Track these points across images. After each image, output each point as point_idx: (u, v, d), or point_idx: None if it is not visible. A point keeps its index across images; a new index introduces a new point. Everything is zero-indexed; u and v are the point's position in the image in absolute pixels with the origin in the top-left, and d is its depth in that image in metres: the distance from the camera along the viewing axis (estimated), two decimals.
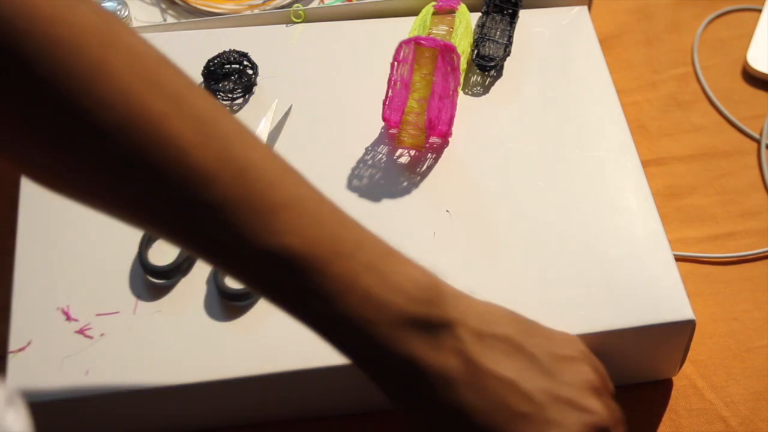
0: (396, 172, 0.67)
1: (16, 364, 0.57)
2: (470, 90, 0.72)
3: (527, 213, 0.64)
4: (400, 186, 0.66)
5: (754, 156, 0.78)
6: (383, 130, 0.69)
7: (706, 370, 0.66)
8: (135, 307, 0.60)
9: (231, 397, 0.59)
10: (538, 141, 0.69)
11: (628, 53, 0.86)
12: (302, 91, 0.72)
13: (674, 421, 0.63)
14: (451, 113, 0.66)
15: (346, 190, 0.66)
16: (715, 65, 0.85)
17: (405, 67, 0.66)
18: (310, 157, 0.68)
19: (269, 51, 0.74)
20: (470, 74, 0.73)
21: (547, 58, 0.73)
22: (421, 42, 0.64)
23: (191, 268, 0.62)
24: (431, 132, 0.67)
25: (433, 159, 0.67)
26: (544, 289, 0.61)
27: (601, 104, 0.71)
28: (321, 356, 0.57)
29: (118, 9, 0.77)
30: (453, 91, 0.65)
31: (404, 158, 0.67)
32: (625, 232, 0.63)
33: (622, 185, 0.66)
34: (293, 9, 0.76)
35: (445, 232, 0.63)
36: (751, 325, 0.68)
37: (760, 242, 0.73)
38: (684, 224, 0.74)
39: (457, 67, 0.64)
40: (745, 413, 0.64)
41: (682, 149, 0.79)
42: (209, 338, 0.59)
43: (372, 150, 0.68)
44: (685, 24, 0.88)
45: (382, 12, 0.77)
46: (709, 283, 0.70)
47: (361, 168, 0.67)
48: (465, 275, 0.61)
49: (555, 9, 0.77)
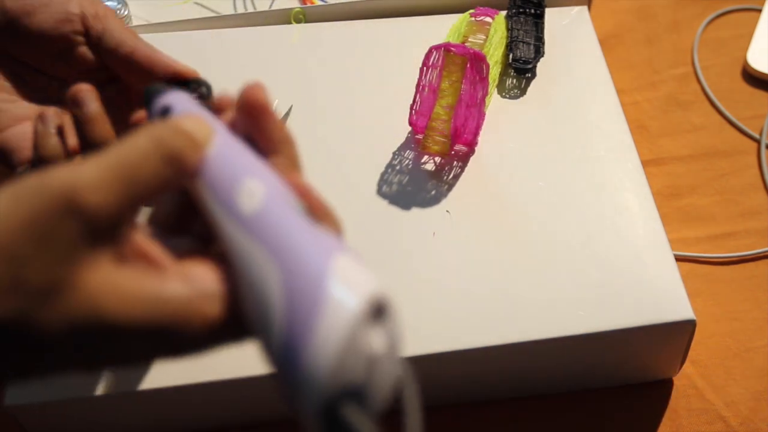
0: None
1: None
2: (506, 93, 0.72)
3: (527, 213, 0.64)
4: (405, 188, 0.66)
5: (754, 156, 0.78)
6: (384, 131, 0.69)
7: (706, 370, 0.66)
8: None
9: (230, 397, 0.59)
10: (537, 141, 0.69)
11: (628, 53, 0.86)
12: (302, 92, 0.72)
13: (674, 421, 0.63)
14: (477, 122, 0.66)
15: (346, 189, 0.66)
16: (715, 65, 0.85)
17: (434, 72, 0.66)
18: (311, 157, 0.68)
19: (269, 51, 0.74)
20: (505, 77, 0.73)
21: (547, 58, 0.73)
22: (451, 49, 0.64)
23: None
24: (456, 140, 0.67)
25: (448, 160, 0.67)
26: (544, 289, 0.61)
27: (601, 104, 0.71)
28: None
29: (118, 8, 0.77)
30: (480, 101, 0.65)
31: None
32: (625, 232, 0.63)
33: (622, 185, 0.66)
34: (294, 12, 0.76)
35: (447, 230, 0.63)
36: (751, 325, 0.68)
37: (760, 242, 0.73)
38: (684, 224, 0.74)
39: (486, 77, 0.64)
40: (745, 413, 0.64)
41: (682, 149, 0.79)
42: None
43: (372, 150, 0.68)
44: (685, 24, 0.88)
45: (382, 12, 0.77)
46: (709, 283, 0.71)
47: (361, 167, 0.67)
48: (466, 274, 0.61)
49: (555, 9, 0.77)
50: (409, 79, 0.67)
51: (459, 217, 0.64)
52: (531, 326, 0.59)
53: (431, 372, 0.60)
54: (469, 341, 0.59)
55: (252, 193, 0.37)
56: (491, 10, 0.74)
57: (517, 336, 0.59)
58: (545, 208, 0.65)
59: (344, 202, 0.65)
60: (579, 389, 0.64)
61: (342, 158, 0.68)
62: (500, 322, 0.59)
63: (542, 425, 0.63)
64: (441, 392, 0.63)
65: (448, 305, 0.60)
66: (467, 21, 0.73)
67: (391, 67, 0.73)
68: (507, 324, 0.59)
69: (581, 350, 0.61)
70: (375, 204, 0.65)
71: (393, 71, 0.73)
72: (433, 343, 0.58)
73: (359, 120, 0.70)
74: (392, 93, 0.70)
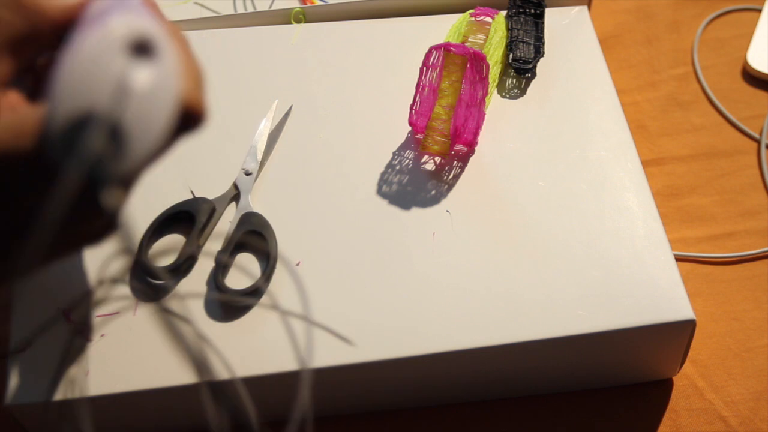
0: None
1: (17, 364, 0.57)
2: (506, 93, 0.72)
3: (527, 213, 0.64)
4: (405, 187, 0.66)
5: (754, 156, 0.78)
6: (384, 131, 0.69)
7: (706, 370, 0.66)
8: (135, 308, 0.60)
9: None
10: (537, 141, 0.69)
11: (628, 53, 0.86)
12: (302, 92, 0.72)
13: (674, 421, 0.64)
14: (477, 122, 0.66)
15: (346, 189, 0.66)
16: (715, 65, 0.85)
17: (434, 72, 0.66)
18: (311, 157, 0.68)
19: (269, 51, 0.74)
20: (505, 77, 0.73)
21: (547, 58, 0.73)
22: (451, 49, 0.64)
23: (191, 269, 0.62)
24: (456, 140, 0.67)
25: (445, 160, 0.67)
26: (544, 289, 0.61)
27: (601, 104, 0.71)
28: (321, 357, 0.57)
29: None
30: (480, 101, 0.65)
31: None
32: (625, 232, 0.63)
33: (622, 185, 0.66)
34: (294, 12, 0.76)
35: (447, 230, 0.63)
36: (751, 325, 0.68)
37: (760, 242, 0.73)
38: (684, 224, 0.74)
39: (486, 77, 0.64)
40: (745, 413, 0.64)
41: (682, 149, 0.79)
42: (209, 339, 0.59)
43: (372, 150, 0.68)
44: (685, 24, 0.88)
45: (382, 12, 0.77)
46: (709, 283, 0.71)
47: (360, 167, 0.67)
48: (465, 274, 0.61)
49: (555, 9, 0.77)
50: (409, 79, 0.67)
51: (459, 217, 0.64)
52: (531, 326, 0.59)
53: (431, 372, 0.60)
54: (469, 341, 0.59)
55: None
56: (491, 10, 0.74)
57: (517, 336, 0.59)
58: (545, 208, 0.65)
59: (344, 202, 0.66)
60: (579, 389, 0.64)
61: (342, 158, 0.68)
62: (500, 322, 0.59)
63: (542, 425, 0.63)
64: (441, 392, 0.63)
65: (448, 305, 0.60)
66: (467, 21, 0.73)
67: (391, 67, 0.73)
68: (507, 324, 0.59)
69: (581, 350, 0.61)
70: (375, 204, 0.65)
71: (393, 71, 0.73)
72: (433, 343, 0.58)
73: (359, 120, 0.70)
74: (392, 93, 0.70)
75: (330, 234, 0.63)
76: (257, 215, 0.63)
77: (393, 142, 0.68)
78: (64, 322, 0.59)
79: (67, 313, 0.60)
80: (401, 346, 0.58)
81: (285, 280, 0.61)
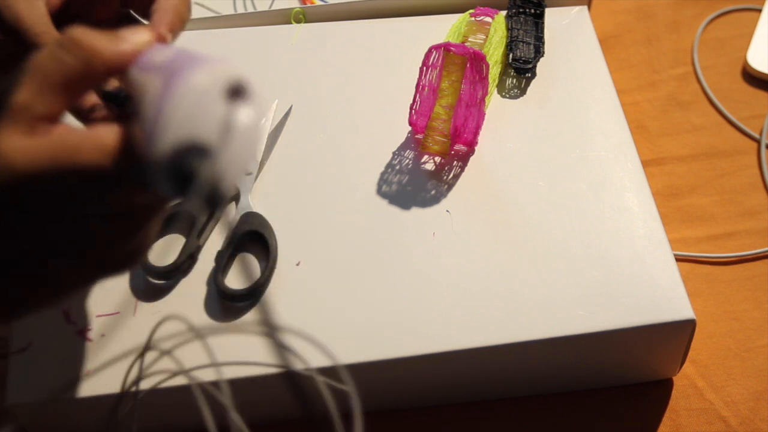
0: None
1: (17, 364, 0.57)
2: (506, 93, 0.72)
3: (527, 212, 0.64)
4: (405, 187, 0.66)
5: (754, 156, 0.78)
6: (384, 130, 0.69)
7: (706, 370, 0.66)
8: (135, 308, 0.60)
9: (229, 398, 0.59)
10: (537, 141, 0.69)
11: (628, 53, 0.86)
12: (302, 92, 0.72)
13: (674, 421, 0.64)
14: (477, 122, 0.66)
15: (346, 189, 0.66)
16: (715, 65, 0.85)
17: (434, 72, 0.66)
18: (311, 157, 0.68)
19: (269, 51, 0.74)
20: (505, 77, 0.73)
21: (547, 58, 0.73)
22: (451, 49, 0.64)
23: (191, 269, 0.62)
24: (456, 140, 0.67)
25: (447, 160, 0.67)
26: (544, 289, 0.61)
27: (601, 104, 0.71)
28: (320, 357, 0.57)
29: None
30: (480, 100, 0.65)
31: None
32: (625, 232, 0.63)
33: (622, 185, 0.66)
34: (294, 12, 0.76)
35: (447, 230, 0.63)
36: (751, 325, 0.68)
37: (760, 242, 0.73)
38: (684, 224, 0.74)
39: (485, 76, 0.64)
40: (745, 413, 0.64)
41: (682, 149, 0.79)
42: (209, 339, 0.59)
43: (372, 150, 0.68)
44: (685, 24, 0.88)
45: (382, 12, 0.77)
46: (709, 282, 0.71)
47: (361, 167, 0.67)
48: (465, 274, 0.61)
49: (555, 9, 0.77)
50: (409, 79, 0.67)
51: (459, 217, 0.64)
52: (531, 326, 0.59)
53: (431, 372, 0.60)
54: (469, 341, 0.59)
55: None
56: (491, 10, 0.74)
57: (517, 336, 0.59)
58: (545, 208, 0.65)
59: (344, 201, 0.66)
60: (579, 389, 0.64)
61: (342, 158, 0.68)
62: (500, 322, 0.59)
63: (542, 425, 0.63)
64: (441, 392, 0.63)
65: (448, 305, 0.60)
66: (467, 21, 0.73)
67: (391, 67, 0.73)
68: (507, 324, 0.59)
69: (581, 350, 0.61)
70: (375, 204, 0.65)
71: (393, 71, 0.73)
72: (433, 343, 0.58)
73: (359, 120, 0.70)
74: (392, 93, 0.70)
75: (330, 234, 0.63)
76: (257, 215, 0.63)
77: (393, 142, 0.68)
78: (64, 322, 0.59)
79: (67, 313, 0.60)
80: (401, 346, 0.58)
81: (285, 280, 0.61)
